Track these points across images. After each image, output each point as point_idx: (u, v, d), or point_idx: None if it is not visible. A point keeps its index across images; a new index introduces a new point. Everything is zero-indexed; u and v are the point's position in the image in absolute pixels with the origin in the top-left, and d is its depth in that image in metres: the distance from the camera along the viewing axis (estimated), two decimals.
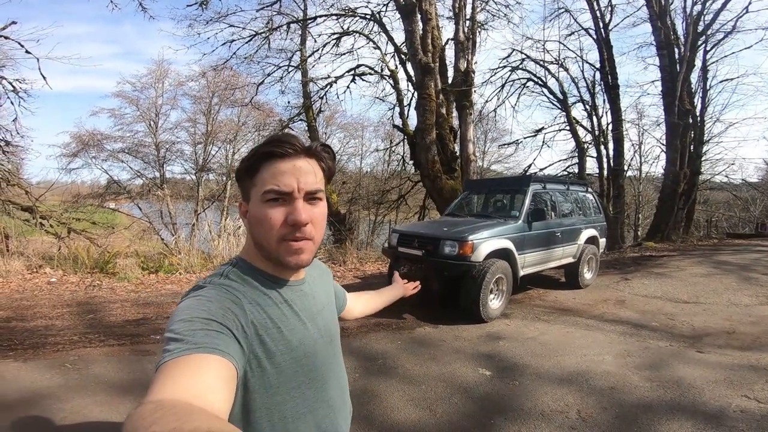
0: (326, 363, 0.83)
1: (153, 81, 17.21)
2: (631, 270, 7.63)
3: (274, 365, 0.71)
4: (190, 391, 0.51)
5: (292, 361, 0.73)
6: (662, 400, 2.72)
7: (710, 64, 14.46)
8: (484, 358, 3.54)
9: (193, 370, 0.54)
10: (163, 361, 0.56)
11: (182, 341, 0.58)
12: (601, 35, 14.04)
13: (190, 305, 0.65)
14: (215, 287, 0.70)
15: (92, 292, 5.49)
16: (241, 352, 0.64)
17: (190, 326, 0.60)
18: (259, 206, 0.74)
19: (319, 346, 0.81)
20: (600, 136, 15.16)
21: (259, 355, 0.69)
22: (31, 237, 9.76)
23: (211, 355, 0.57)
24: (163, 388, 0.51)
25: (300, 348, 0.75)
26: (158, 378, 0.54)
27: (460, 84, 9.62)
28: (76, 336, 3.83)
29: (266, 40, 11.00)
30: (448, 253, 4.68)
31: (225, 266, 0.78)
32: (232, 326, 0.64)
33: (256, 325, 0.69)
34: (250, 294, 0.73)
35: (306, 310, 0.80)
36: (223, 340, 0.60)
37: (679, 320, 4.57)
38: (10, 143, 10.11)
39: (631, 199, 18.91)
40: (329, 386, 0.83)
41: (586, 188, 7.12)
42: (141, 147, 17.58)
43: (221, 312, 0.65)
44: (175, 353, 0.56)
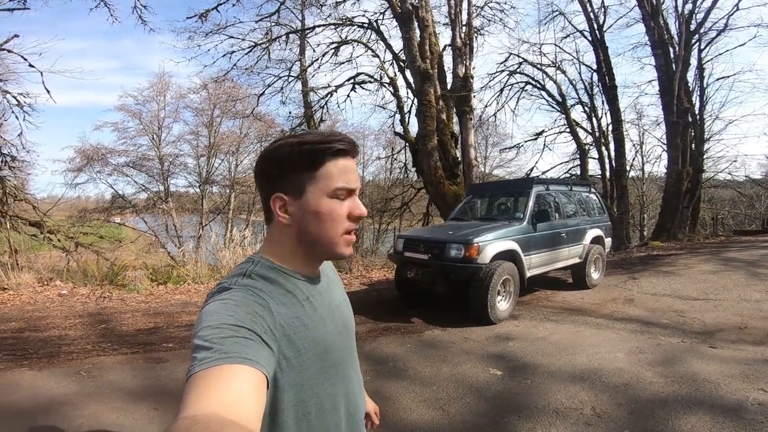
0: (346, 358, 0.83)
1: (155, 94, 17.45)
2: (638, 269, 7.59)
3: (301, 363, 0.71)
4: (223, 404, 0.50)
5: (315, 357, 0.74)
6: (678, 395, 2.69)
7: (706, 63, 14.50)
8: (494, 358, 3.52)
9: (224, 382, 0.53)
10: (194, 372, 0.55)
11: (211, 350, 0.56)
12: (596, 37, 14.13)
13: (217, 310, 0.64)
14: (241, 289, 0.69)
15: (103, 303, 5.53)
16: (271, 356, 0.64)
17: (218, 333, 0.59)
18: (324, 200, 0.74)
19: (338, 341, 0.81)
20: (601, 137, 15.17)
21: (288, 355, 0.69)
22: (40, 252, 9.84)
23: (241, 366, 0.56)
24: (196, 401, 0.51)
25: (322, 344, 0.76)
26: (190, 390, 0.53)
27: (460, 89, 9.69)
28: (90, 345, 3.88)
29: (266, 51, 11.13)
30: (454, 257, 4.68)
31: (246, 265, 0.75)
32: (261, 331, 0.63)
33: (284, 325, 0.69)
34: (275, 293, 0.72)
35: (325, 306, 0.81)
36: (252, 348, 0.60)
37: (690, 317, 4.54)
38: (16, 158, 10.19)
39: (635, 199, 18.84)
40: (350, 380, 0.84)
41: (589, 189, 7.12)
42: (145, 161, 17.75)
43: (249, 317, 0.63)
44: (204, 363, 0.55)
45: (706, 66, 14.53)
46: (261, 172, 0.76)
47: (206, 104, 17.46)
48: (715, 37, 13.75)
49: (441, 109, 9.71)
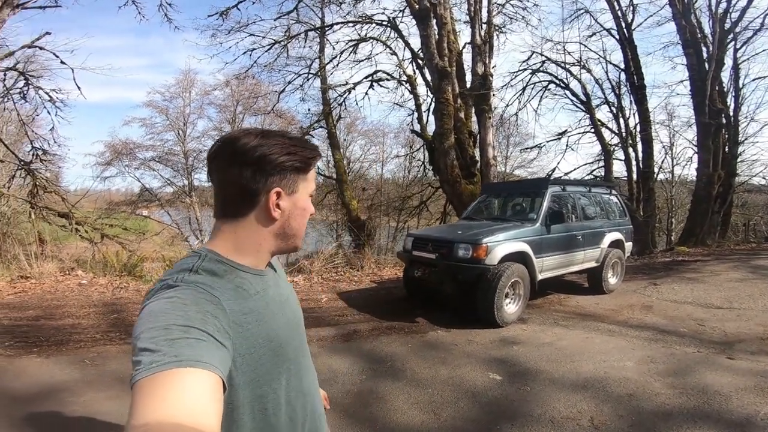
0: (298, 351, 0.83)
1: (180, 90, 17.91)
2: (660, 275, 7.28)
3: (254, 359, 0.70)
4: (179, 411, 0.48)
5: (270, 353, 0.73)
6: (684, 407, 2.55)
7: (741, 62, 13.79)
8: (496, 362, 3.42)
9: (177, 388, 0.50)
10: (141, 377, 0.51)
11: (159, 352, 0.53)
12: (624, 35, 13.62)
13: (163, 309, 0.59)
14: (189, 286, 0.65)
15: (119, 293, 5.67)
16: (226, 355, 0.61)
17: (166, 335, 0.55)
18: (307, 199, 0.80)
19: (290, 335, 0.81)
20: (627, 138, 14.64)
21: (242, 352, 0.67)
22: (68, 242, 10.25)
23: (194, 369, 0.52)
24: (147, 409, 0.47)
25: (276, 339, 0.75)
26: (139, 397, 0.49)
27: (479, 88, 9.51)
28: (99, 334, 3.98)
29: (285, 49, 11.23)
30: (462, 257, 4.58)
31: (192, 259, 0.72)
32: (213, 330, 0.60)
33: (237, 322, 0.67)
34: (225, 289, 0.69)
35: (275, 301, 0.80)
36: (205, 350, 0.56)
37: (710, 326, 4.30)
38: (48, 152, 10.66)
39: (663, 202, 18.15)
40: (303, 374, 0.83)
41: (610, 190, 6.86)
42: (170, 155, 18.25)
43: (200, 316, 0.60)
44: (153, 367, 0.51)
45: (741, 66, 13.85)
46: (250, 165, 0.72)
47: (229, 101, 17.82)
48: (752, 36, 13.09)
49: (459, 107, 9.56)
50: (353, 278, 7.14)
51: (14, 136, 12.63)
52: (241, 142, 0.72)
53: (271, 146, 0.73)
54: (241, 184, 0.72)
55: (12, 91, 9.21)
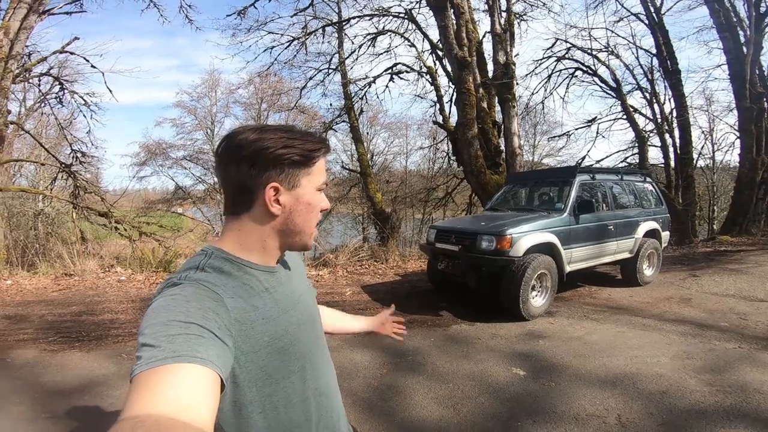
0: (312, 348, 0.82)
1: (207, 90, 18.39)
2: (701, 266, 6.91)
3: (261, 357, 0.69)
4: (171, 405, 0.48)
5: (279, 350, 0.72)
6: (720, 406, 2.39)
7: None
8: (520, 357, 3.33)
9: (172, 382, 0.50)
10: (140, 371, 0.52)
11: (159, 348, 0.54)
12: (653, 20, 12.95)
13: (166, 306, 0.60)
14: (192, 284, 0.65)
15: (155, 288, 5.90)
16: (227, 352, 0.61)
17: (166, 330, 0.56)
18: (313, 194, 0.76)
19: (303, 332, 0.79)
20: (663, 124, 13.95)
21: (245, 350, 0.67)
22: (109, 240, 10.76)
23: (191, 365, 0.53)
24: (141, 402, 0.48)
25: (285, 337, 0.74)
26: (135, 390, 0.50)
27: (501, 77, 9.26)
28: (135, 329, 4.10)
29: (303, 45, 11.28)
30: (486, 248, 4.48)
31: (199, 257, 0.72)
32: (214, 327, 0.60)
33: (240, 320, 0.67)
34: (230, 286, 0.69)
35: (287, 297, 0.78)
36: (204, 346, 0.56)
37: (753, 320, 4.04)
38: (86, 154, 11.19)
39: (703, 190, 17.21)
40: (319, 372, 0.82)
41: (644, 178, 6.54)
42: (201, 154, 18.80)
43: (201, 313, 0.60)
44: (152, 362, 0.52)
45: None
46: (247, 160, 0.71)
47: (253, 99, 18.15)
48: None
49: (481, 97, 9.35)
50: (378, 271, 7.14)
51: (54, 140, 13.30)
52: (239, 137, 0.72)
53: (267, 140, 0.71)
54: (240, 180, 0.72)
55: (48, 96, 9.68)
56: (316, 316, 0.89)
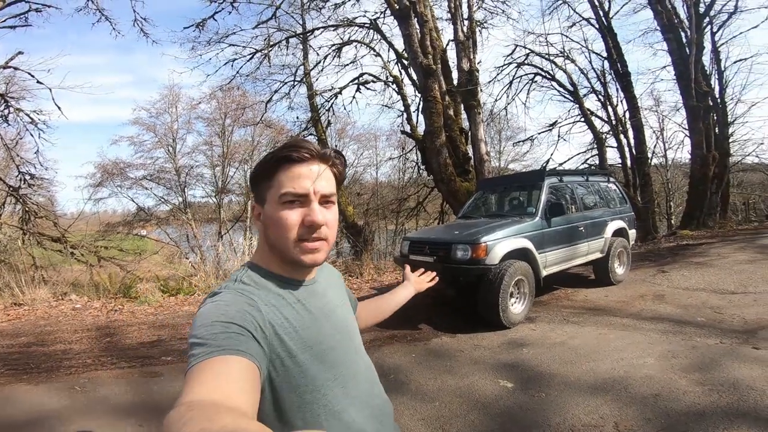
0: (349, 359, 0.82)
1: (166, 106, 17.65)
2: (667, 261, 7.08)
3: (297, 364, 0.71)
4: (218, 391, 0.53)
5: (313, 359, 0.73)
6: (717, 405, 2.32)
7: (720, 45, 13.73)
8: (506, 368, 3.19)
9: (218, 372, 0.56)
10: (191, 366, 0.58)
11: (206, 345, 0.60)
12: (603, 24, 13.58)
13: (209, 310, 0.67)
14: (230, 291, 0.72)
15: (113, 316, 5.50)
16: (262, 351, 0.65)
17: (211, 330, 0.62)
18: (275, 208, 0.75)
19: (338, 342, 0.80)
20: (618, 126, 14.55)
21: (280, 354, 0.70)
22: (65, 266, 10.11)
23: (233, 356, 0.59)
24: (193, 390, 0.53)
25: (319, 346, 0.75)
26: (188, 381, 0.55)
27: (466, 84, 9.36)
28: (90, 359, 3.86)
29: (266, 57, 11.04)
30: (461, 258, 4.36)
31: (238, 271, 0.79)
32: (251, 327, 0.65)
33: (274, 324, 0.70)
34: (264, 296, 0.73)
35: (320, 309, 0.81)
36: (242, 341, 0.62)
37: (728, 313, 4.09)
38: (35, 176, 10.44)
39: (660, 187, 18.03)
40: (359, 381, 0.82)
41: (607, 178, 6.67)
42: (162, 173, 17.98)
43: (239, 314, 0.66)
44: (200, 357, 0.58)
45: (721, 49, 13.81)
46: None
47: (217, 114, 17.58)
48: (727, 19, 13.06)
49: (448, 105, 9.39)
50: (353, 286, 6.91)
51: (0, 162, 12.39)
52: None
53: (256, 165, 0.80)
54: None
55: None
56: (352, 328, 0.90)
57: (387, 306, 1.23)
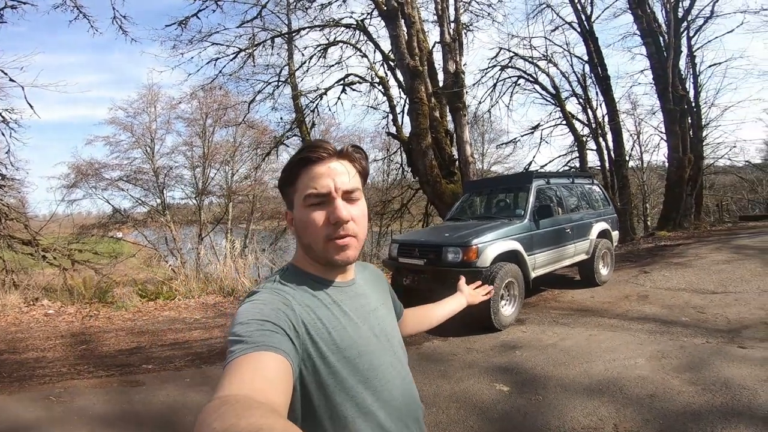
0: (384, 363, 0.80)
1: (145, 105, 17.16)
2: (648, 262, 7.25)
3: (328, 365, 0.72)
4: (251, 386, 0.54)
5: (345, 361, 0.74)
6: (712, 405, 2.36)
7: (696, 50, 14.23)
8: (500, 371, 3.18)
9: (252, 367, 0.58)
10: (229, 361, 0.60)
11: (242, 342, 0.62)
12: (584, 28, 13.86)
13: (246, 309, 0.69)
14: (267, 291, 0.74)
15: (89, 322, 5.30)
16: (294, 349, 0.67)
17: (247, 328, 0.64)
18: (302, 211, 0.78)
19: (373, 345, 0.80)
20: (597, 129, 14.89)
21: (312, 354, 0.71)
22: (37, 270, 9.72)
23: (267, 352, 0.61)
24: (228, 384, 0.55)
25: (352, 348, 0.75)
26: (225, 376, 0.57)
27: (451, 86, 9.39)
28: (65, 368, 3.71)
29: (251, 57, 10.84)
30: (452, 261, 4.35)
31: (277, 272, 0.83)
32: (285, 325, 0.67)
33: (307, 324, 0.72)
34: (299, 296, 0.75)
35: (357, 310, 0.81)
36: (276, 339, 0.64)
37: (711, 313, 4.19)
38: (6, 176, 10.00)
39: (636, 189, 18.54)
40: (391, 386, 0.80)
41: (591, 180, 6.79)
42: (140, 174, 17.46)
43: (273, 313, 0.68)
44: (237, 353, 0.60)
45: (697, 53, 14.30)
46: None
47: (198, 114, 17.18)
48: (703, 24, 13.51)
49: (433, 106, 9.42)
50: None
51: None
52: None
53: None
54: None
55: None
56: (392, 331, 0.89)
57: (435, 315, 1.22)
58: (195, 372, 3.53)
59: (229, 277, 7.23)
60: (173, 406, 2.90)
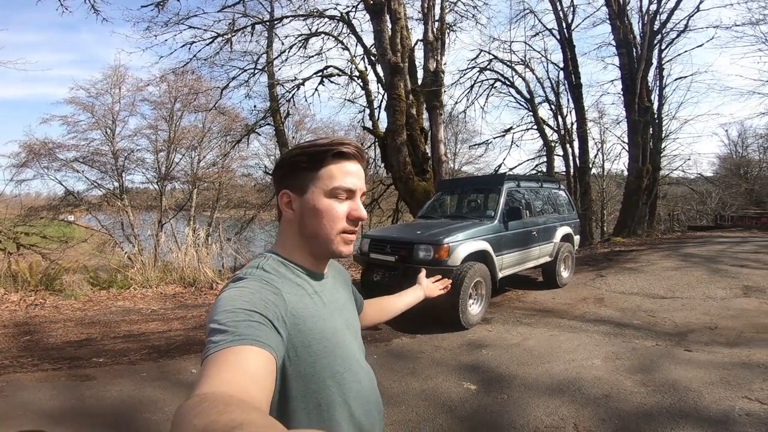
0: (354, 355, 0.83)
1: (109, 86, 16.19)
2: (604, 266, 7.63)
3: (310, 354, 0.72)
4: (233, 382, 0.52)
5: (325, 350, 0.75)
6: (662, 406, 2.53)
7: (665, 63, 14.93)
8: (467, 369, 3.28)
9: (236, 362, 0.55)
10: (210, 353, 0.57)
11: (226, 332, 0.59)
12: (564, 35, 14.29)
13: (232, 296, 0.67)
14: (255, 279, 0.72)
15: (33, 311, 5.00)
16: (281, 342, 0.66)
17: (233, 317, 0.61)
18: (322, 200, 0.78)
19: (347, 338, 0.82)
20: (566, 135, 15.45)
21: (296, 344, 0.71)
22: None
23: (252, 347, 0.58)
24: (209, 380, 0.52)
25: (332, 338, 0.77)
26: (205, 369, 0.55)
27: (430, 84, 9.47)
28: (7, 360, 3.50)
29: (228, 42, 10.46)
30: (423, 258, 4.42)
31: (259, 259, 0.80)
32: (273, 317, 0.65)
33: (295, 314, 0.71)
34: (287, 286, 0.75)
35: (333, 303, 0.83)
36: (264, 332, 0.62)
37: (660, 317, 4.48)
38: None
39: (596, 195, 19.40)
40: (360, 378, 0.83)
41: (558, 185, 7.05)
42: (97, 156, 16.48)
43: (262, 303, 0.66)
44: (220, 345, 0.58)
45: (665, 66, 15.01)
46: (273, 172, 0.83)
47: (166, 97, 16.39)
48: (676, 37, 14.18)
49: (411, 104, 9.46)
50: None
51: None
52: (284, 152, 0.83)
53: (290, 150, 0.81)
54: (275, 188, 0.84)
55: None
56: (357, 325, 0.92)
57: (393, 307, 1.25)
58: (152, 366, 3.40)
59: (190, 267, 7.00)
60: (127, 401, 2.78)
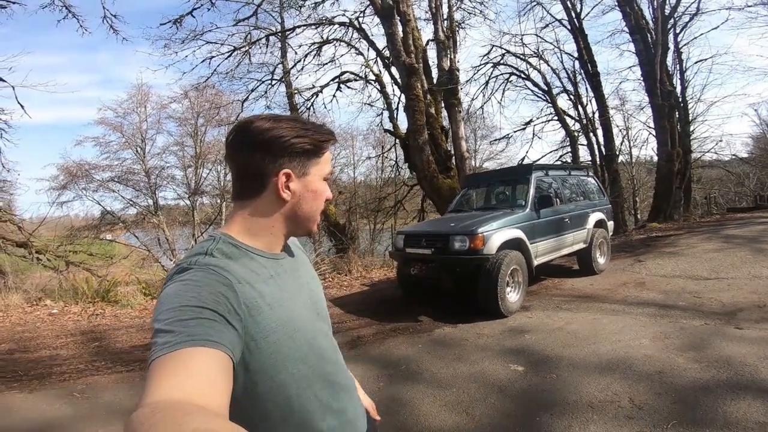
0: (318, 335, 0.81)
1: (135, 105, 16.86)
2: (642, 252, 7.46)
3: (270, 344, 0.68)
4: (187, 388, 0.49)
5: (286, 338, 0.71)
6: (718, 380, 2.50)
7: (683, 46, 14.56)
8: (512, 353, 3.31)
9: (187, 366, 0.52)
10: (156, 356, 0.53)
11: (173, 333, 0.55)
12: (574, 25, 14.07)
13: (177, 291, 0.61)
14: (202, 269, 0.65)
15: (96, 320, 5.32)
16: (237, 337, 0.61)
17: (179, 315, 0.57)
18: (320, 184, 0.80)
19: (308, 320, 0.79)
20: (588, 124, 15.15)
21: (254, 336, 0.66)
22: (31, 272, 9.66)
23: (204, 348, 0.54)
24: (158, 388, 0.49)
25: (291, 324, 0.73)
26: (152, 376, 0.51)
27: (446, 82, 9.52)
28: (83, 364, 3.73)
29: (246, 55, 10.81)
30: (459, 249, 4.47)
31: (207, 243, 0.73)
32: (225, 311, 0.61)
33: (249, 305, 0.66)
34: (238, 272, 0.68)
35: (290, 284, 0.79)
36: (216, 329, 0.58)
37: (706, 297, 4.37)
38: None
39: (626, 183, 18.89)
40: (327, 358, 0.81)
41: (586, 173, 6.98)
42: (130, 174, 17.16)
43: (212, 297, 0.61)
44: (167, 347, 0.53)
45: (683, 50, 14.64)
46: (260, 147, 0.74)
47: (189, 113, 16.99)
48: (689, 21, 13.83)
49: (429, 103, 9.53)
50: (343, 283, 6.91)
51: None
52: (254, 125, 0.74)
53: (281, 129, 0.74)
54: (253, 166, 0.75)
55: None
56: (321, 302, 0.89)
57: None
58: None
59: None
60: None
